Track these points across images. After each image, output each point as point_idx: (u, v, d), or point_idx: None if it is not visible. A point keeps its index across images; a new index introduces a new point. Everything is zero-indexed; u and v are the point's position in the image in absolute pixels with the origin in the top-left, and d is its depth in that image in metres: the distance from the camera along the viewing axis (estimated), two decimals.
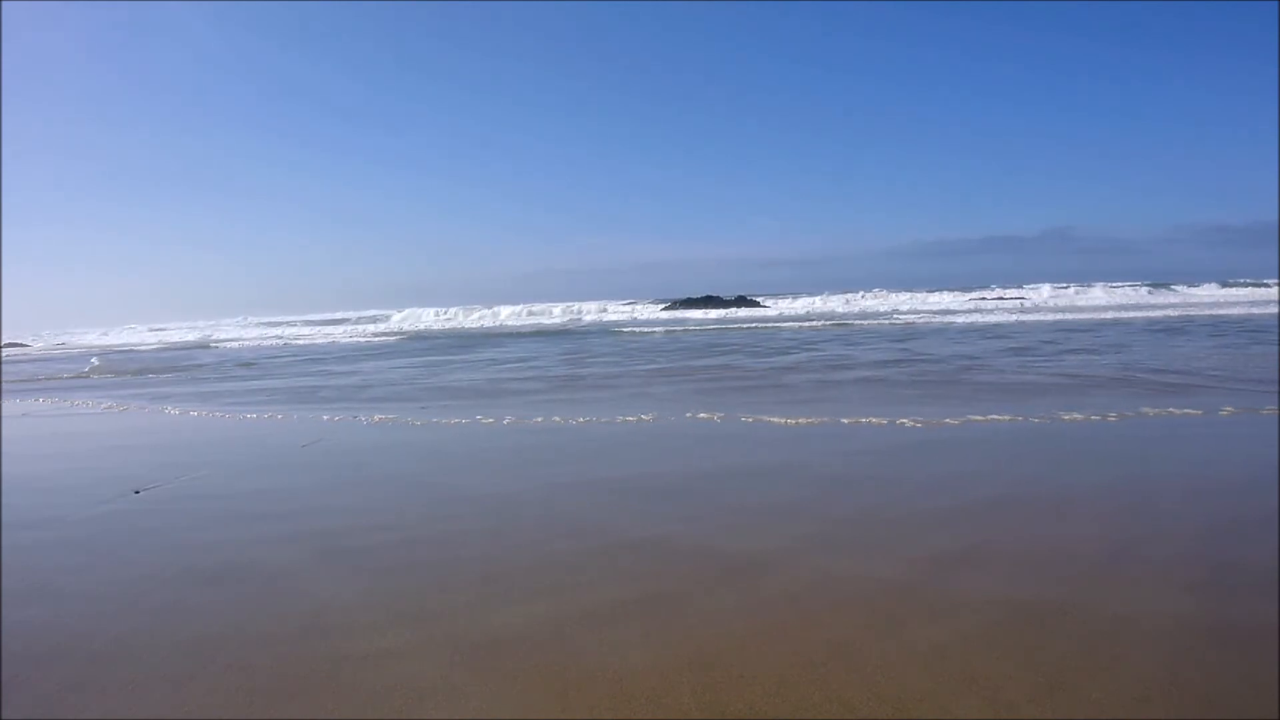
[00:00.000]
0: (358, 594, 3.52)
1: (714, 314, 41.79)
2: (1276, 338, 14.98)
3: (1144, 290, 44.58)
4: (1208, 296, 37.41)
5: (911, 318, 28.30)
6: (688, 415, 8.06)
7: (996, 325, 22.58)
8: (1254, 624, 2.84)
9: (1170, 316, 23.71)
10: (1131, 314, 25.69)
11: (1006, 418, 7.14)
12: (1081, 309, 31.22)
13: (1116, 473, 5.14)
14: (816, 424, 7.26)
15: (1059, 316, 25.13)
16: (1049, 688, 2.46)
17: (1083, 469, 5.26)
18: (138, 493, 5.66)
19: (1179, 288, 44.95)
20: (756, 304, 48.66)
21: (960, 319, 26.12)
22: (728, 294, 50.77)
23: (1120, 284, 47.22)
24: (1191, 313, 25.12)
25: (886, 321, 27.23)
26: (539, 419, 8.26)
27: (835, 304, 46.51)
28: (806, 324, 27.35)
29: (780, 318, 32.55)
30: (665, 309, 49.76)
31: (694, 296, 50.59)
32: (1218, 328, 18.79)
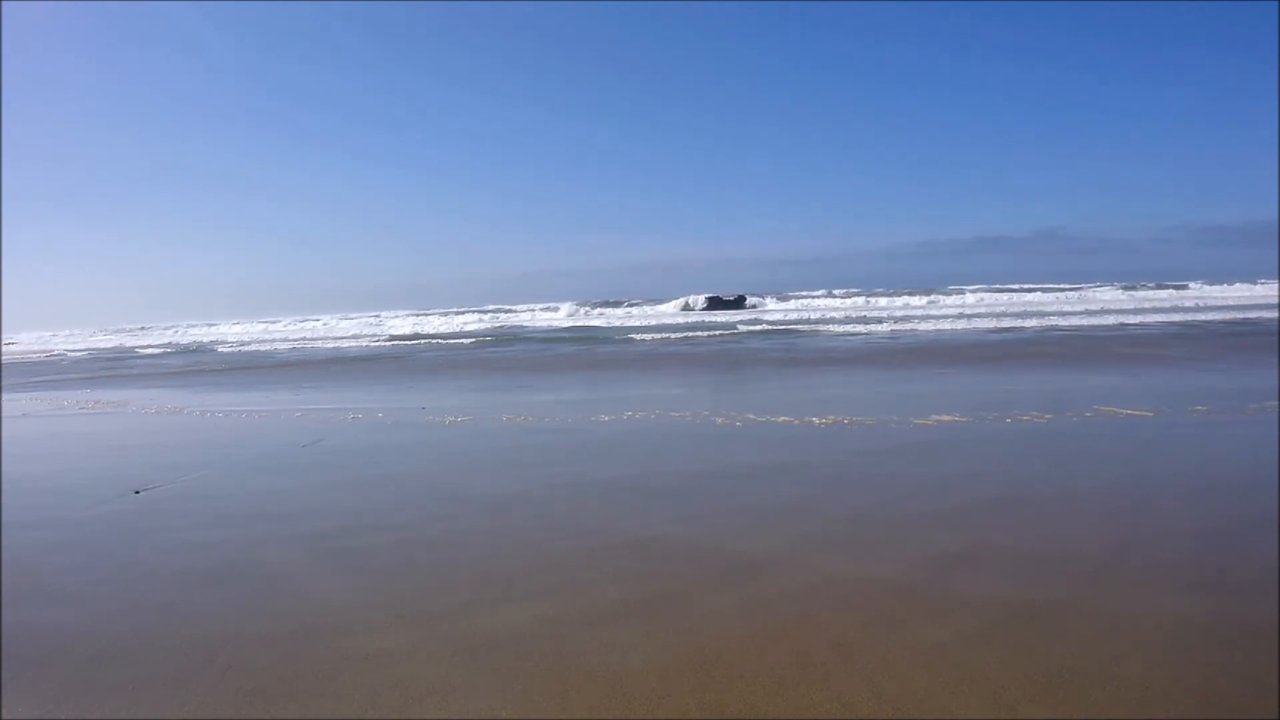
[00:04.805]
0: (358, 594, 3.52)
1: (692, 317, 41.96)
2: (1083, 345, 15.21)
3: (1142, 292, 44.64)
4: (1220, 298, 37.14)
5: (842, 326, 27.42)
6: (685, 415, 8.06)
7: (914, 331, 22.23)
8: (1254, 624, 2.84)
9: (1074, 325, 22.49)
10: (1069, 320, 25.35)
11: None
12: (1049, 311, 30.80)
13: (1116, 472, 5.13)
14: (817, 424, 7.27)
15: (947, 327, 23.88)
16: (1049, 688, 2.46)
17: (1083, 469, 5.26)
18: (138, 493, 5.66)
19: (1196, 284, 45.06)
20: (747, 304, 48.79)
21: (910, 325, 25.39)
22: (728, 294, 50.93)
23: (1137, 284, 47.48)
24: (1122, 319, 24.09)
25: (819, 327, 27.34)
26: (537, 418, 8.26)
27: (824, 305, 46.56)
28: (752, 328, 27.45)
29: (740, 323, 32.43)
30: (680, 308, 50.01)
31: (693, 297, 50.70)
32: (1062, 331, 19.31)
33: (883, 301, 46.40)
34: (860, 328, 24.46)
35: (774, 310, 44.39)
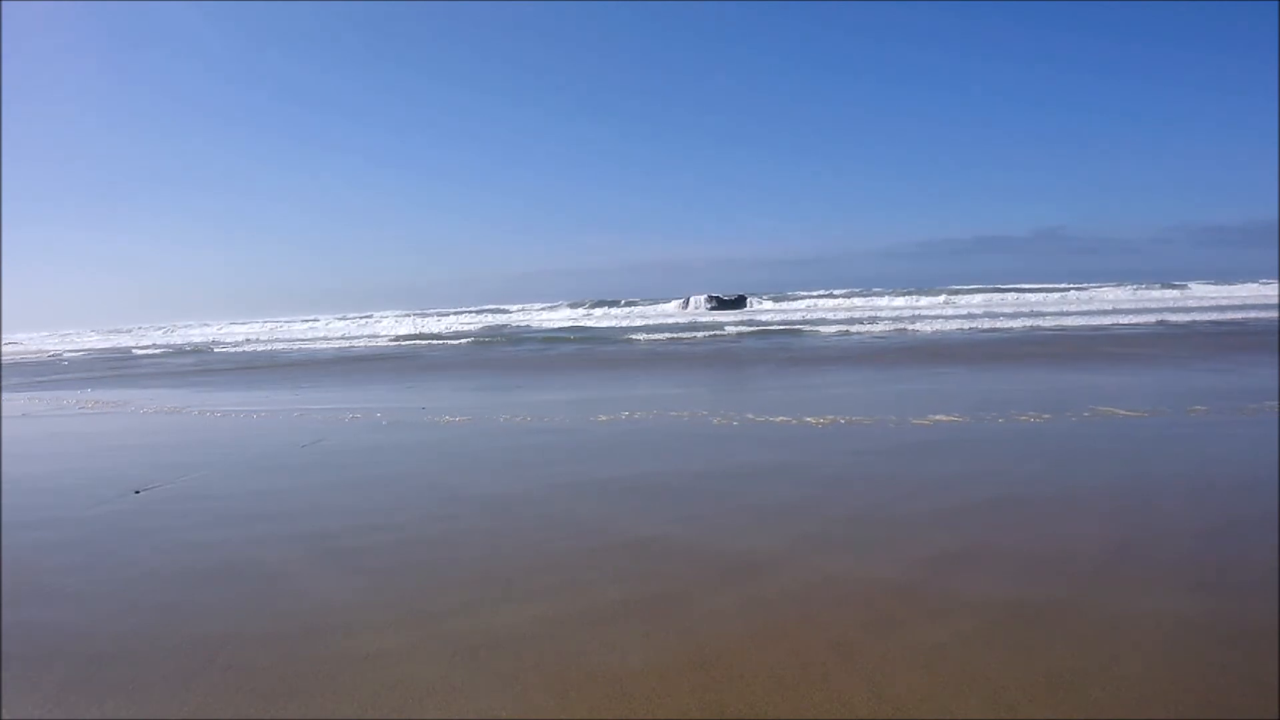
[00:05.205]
0: (357, 594, 3.52)
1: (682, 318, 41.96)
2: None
3: (1141, 290, 44.84)
4: (1220, 298, 37.23)
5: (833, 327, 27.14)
6: (685, 415, 8.06)
7: (900, 331, 22.15)
8: (1254, 624, 2.84)
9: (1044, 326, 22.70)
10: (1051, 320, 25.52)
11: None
12: (1035, 312, 30.69)
13: (1116, 472, 5.13)
14: (816, 425, 7.27)
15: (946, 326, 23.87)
16: (1049, 688, 2.46)
17: (1082, 469, 5.26)
18: (138, 493, 5.66)
19: (1196, 284, 45.43)
20: (747, 304, 48.95)
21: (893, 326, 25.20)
22: (729, 294, 51.08)
23: (1138, 285, 47.67)
24: (1089, 322, 24.10)
25: (820, 328, 27.34)
26: (537, 418, 8.26)
27: (824, 305, 46.63)
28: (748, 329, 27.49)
29: (741, 323, 32.28)
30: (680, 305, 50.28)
31: (694, 297, 50.87)
32: (1060, 331, 19.32)
33: (882, 301, 46.44)
34: (860, 328, 24.45)
35: (774, 310, 44.46)
